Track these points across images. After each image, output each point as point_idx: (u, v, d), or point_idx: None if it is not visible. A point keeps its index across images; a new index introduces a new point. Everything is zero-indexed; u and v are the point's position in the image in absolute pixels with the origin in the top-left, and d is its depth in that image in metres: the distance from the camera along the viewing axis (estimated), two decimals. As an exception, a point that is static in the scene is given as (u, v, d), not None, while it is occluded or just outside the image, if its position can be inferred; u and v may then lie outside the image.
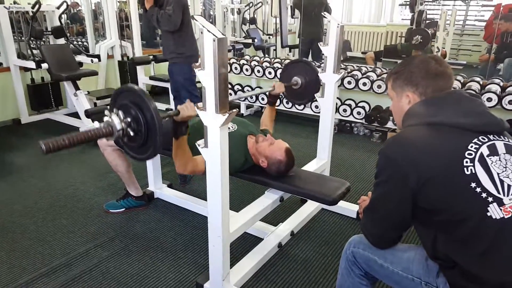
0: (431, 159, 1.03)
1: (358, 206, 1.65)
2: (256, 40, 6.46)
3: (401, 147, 1.09)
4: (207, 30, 1.29)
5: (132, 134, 1.31)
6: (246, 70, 4.53)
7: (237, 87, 4.62)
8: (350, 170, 3.11)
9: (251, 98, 4.52)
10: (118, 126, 1.28)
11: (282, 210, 2.41)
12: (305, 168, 2.30)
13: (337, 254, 2.04)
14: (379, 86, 3.67)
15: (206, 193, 1.54)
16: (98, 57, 4.54)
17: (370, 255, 1.24)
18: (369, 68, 4.26)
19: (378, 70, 4.06)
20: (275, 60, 4.71)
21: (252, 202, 1.92)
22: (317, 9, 5.44)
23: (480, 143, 1.03)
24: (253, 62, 4.56)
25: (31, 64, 3.89)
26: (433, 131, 1.07)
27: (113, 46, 5.07)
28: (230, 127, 2.01)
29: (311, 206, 2.39)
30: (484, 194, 0.98)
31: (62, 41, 4.42)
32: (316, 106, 4.06)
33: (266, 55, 6.38)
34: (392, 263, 1.20)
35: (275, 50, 6.83)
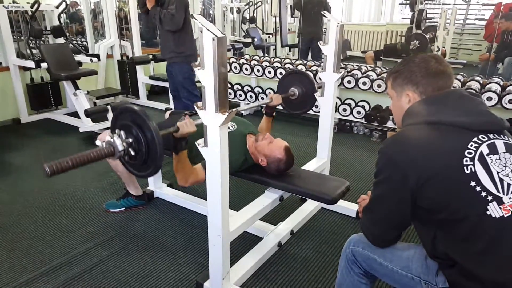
0: (431, 158, 1.02)
1: (357, 205, 1.65)
2: (255, 39, 6.47)
3: (400, 147, 1.09)
4: (207, 29, 1.29)
5: (133, 153, 1.33)
6: (246, 69, 4.53)
7: (236, 87, 4.62)
8: (349, 170, 3.11)
9: (251, 97, 4.52)
10: (120, 147, 1.30)
11: (282, 209, 2.41)
12: (305, 167, 2.30)
13: (336, 253, 2.04)
14: (379, 86, 3.67)
15: (206, 192, 1.54)
16: (97, 56, 4.55)
17: (369, 254, 1.24)
18: (369, 67, 4.26)
19: (378, 70, 4.05)
20: (275, 59, 4.70)
21: (252, 201, 1.92)
22: (316, 8, 5.43)
23: (480, 142, 1.03)
24: (252, 62, 4.56)
25: (31, 63, 3.88)
26: (433, 130, 1.07)
27: (112, 45, 5.07)
28: (230, 127, 2.01)
29: (311, 205, 2.40)
30: (483, 193, 0.98)
31: (61, 40, 4.42)
32: (316, 106, 4.05)
33: (266, 55, 6.38)
34: (391, 262, 1.20)
35: (275, 49, 6.84)
